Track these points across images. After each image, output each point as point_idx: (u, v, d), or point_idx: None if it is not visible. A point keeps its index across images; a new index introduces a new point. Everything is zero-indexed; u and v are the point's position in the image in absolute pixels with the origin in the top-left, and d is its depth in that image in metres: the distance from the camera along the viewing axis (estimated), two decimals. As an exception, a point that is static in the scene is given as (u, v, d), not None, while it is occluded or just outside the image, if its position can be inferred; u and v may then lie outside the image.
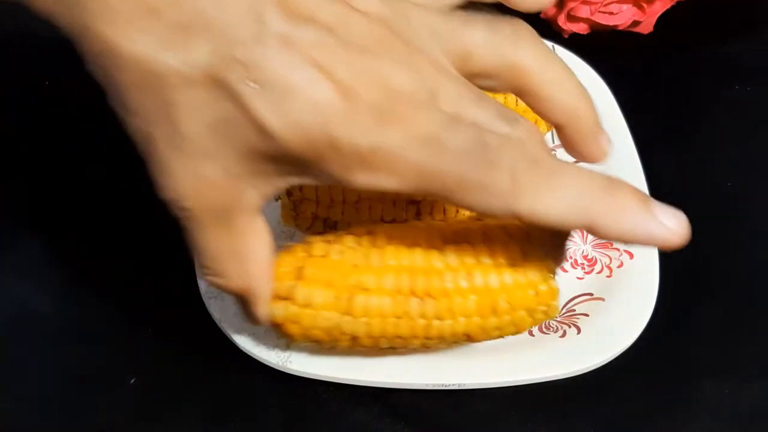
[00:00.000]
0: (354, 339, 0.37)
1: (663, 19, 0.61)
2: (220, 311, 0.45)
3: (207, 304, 0.46)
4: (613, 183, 0.32)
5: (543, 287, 0.35)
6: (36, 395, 0.44)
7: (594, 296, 0.48)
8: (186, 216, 0.33)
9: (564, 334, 0.46)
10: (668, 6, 0.61)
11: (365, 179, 0.31)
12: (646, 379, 0.46)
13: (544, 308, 0.36)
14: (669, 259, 0.49)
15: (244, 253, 0.35)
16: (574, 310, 0.47)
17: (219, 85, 0.29)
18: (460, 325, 0.36)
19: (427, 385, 0.44)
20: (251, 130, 0.30)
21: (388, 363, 0.44)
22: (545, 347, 0.45)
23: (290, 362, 0.44)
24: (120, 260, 0.50)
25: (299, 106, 0.29)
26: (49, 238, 0.50)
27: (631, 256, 0.49)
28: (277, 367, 0.44)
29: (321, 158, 0.31)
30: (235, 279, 0.35)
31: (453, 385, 0.44)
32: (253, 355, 0.44)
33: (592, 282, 0.49)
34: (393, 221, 0.46)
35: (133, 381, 0.45)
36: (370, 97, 0.30)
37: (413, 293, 0.35)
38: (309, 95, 0.29)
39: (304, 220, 0.47)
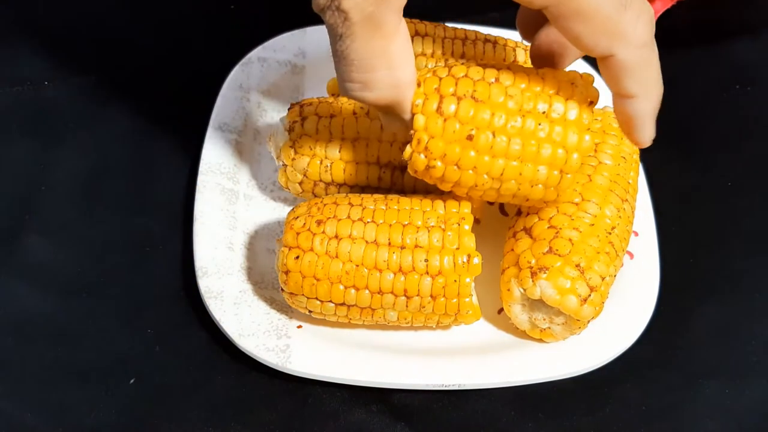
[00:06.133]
0: None
1: (663, 19, 0.61)
2: (220, 311, 0.45)
3: (207, 304, 0.46)
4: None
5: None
6: (36, 395, 0.44)
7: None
8: (343, 21, 0.34)
9: (564, 334, 0.46)
10: (668, 6, 0.61)
11: None
12: (646, 380, 0.46)
13: None
14: (669, 259, 0.49)
15: (395, 60, 0.36)
16: (574, 310, 0.47)
17: None
18: None
19: (427, 385, 0.44)
20: None
21: (388, 363, 0.44)
22: (545, 347, 0.45)
23: (290, 362, 0.44)
24: (119, 260, 0.50)
25: None
26: (49, 238, 0.50)
27: (632, 256, 0.49)
28: (277, 368, 0.44)
29: None
30: (386, 89, 0.37)
31: (453, 385, 0.44)
32: (253, 356, 0.44)
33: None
34: (389, 163, 0.47)
35: (133, 381, 0.45)
36: None
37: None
38: None
39: (307, 182, 0.48)
